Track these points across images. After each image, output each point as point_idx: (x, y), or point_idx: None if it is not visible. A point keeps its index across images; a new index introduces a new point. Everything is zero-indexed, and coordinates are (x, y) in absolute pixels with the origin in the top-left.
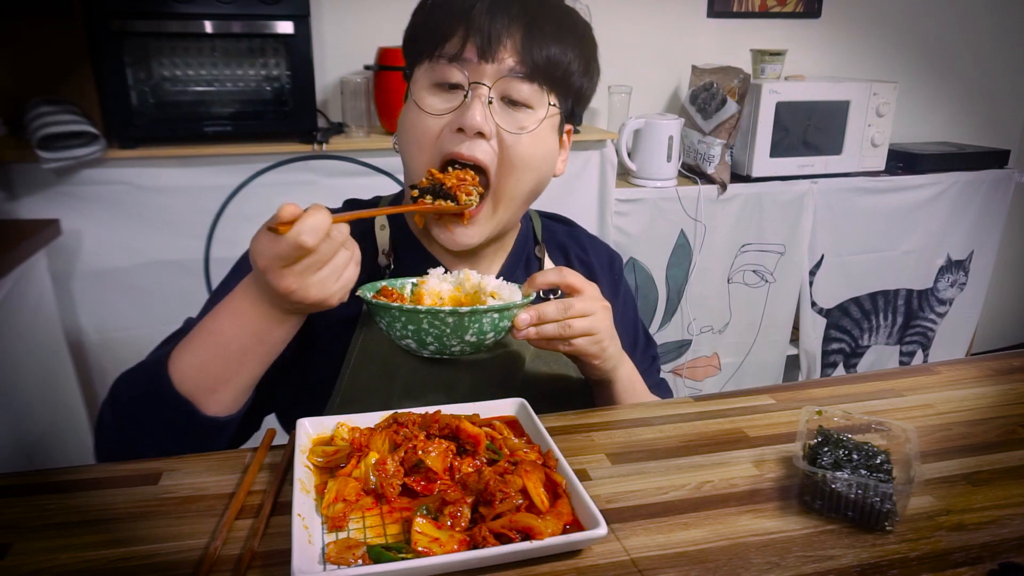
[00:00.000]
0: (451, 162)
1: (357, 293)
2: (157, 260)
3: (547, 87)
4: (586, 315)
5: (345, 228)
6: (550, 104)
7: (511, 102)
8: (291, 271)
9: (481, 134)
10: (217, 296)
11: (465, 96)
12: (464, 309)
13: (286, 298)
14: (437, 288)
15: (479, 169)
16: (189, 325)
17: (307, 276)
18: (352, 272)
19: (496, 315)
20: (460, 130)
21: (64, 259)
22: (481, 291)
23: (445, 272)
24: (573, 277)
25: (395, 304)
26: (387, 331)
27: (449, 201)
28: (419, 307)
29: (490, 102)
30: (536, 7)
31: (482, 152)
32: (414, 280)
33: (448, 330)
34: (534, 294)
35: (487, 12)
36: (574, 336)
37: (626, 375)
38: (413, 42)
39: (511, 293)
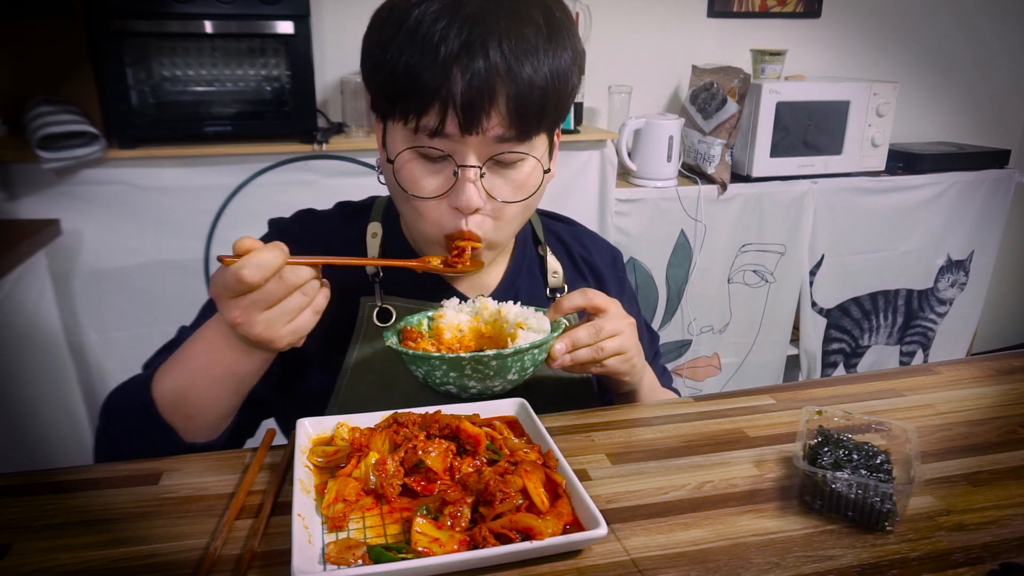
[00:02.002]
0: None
1: (387, 344)
2: (157, 260)
3: (536, 133)
4: (615, 335)
5: (305, 272)
6: (543, 143)
7: (501, 163)
8: (236, 304)
9: (477, 209)
10: (205, 310)
11: (455, 173)
12: (508, 351)
13: (233, 330)
14: (455, 320)
15: None
16: (182, 335)
17: (252, 312)
18: (307, 320)
19: (537, 350)
20: (456, 208)
21: (64, 259)
22: (502, 320)
23: (461, 302)
24: (598, 298)
25: (436, 354)
26: (425, 379)
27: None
28: (462, 355)
29: (482, 175)
30: (517, 50)
31: (481, 226)
32: (429, 314)
33: (492, 372)
34: (563, 320)
35: (465, 82)
36: (606, 357)
37: (648, 383)
38: (381, 96)
39: (538, 321)
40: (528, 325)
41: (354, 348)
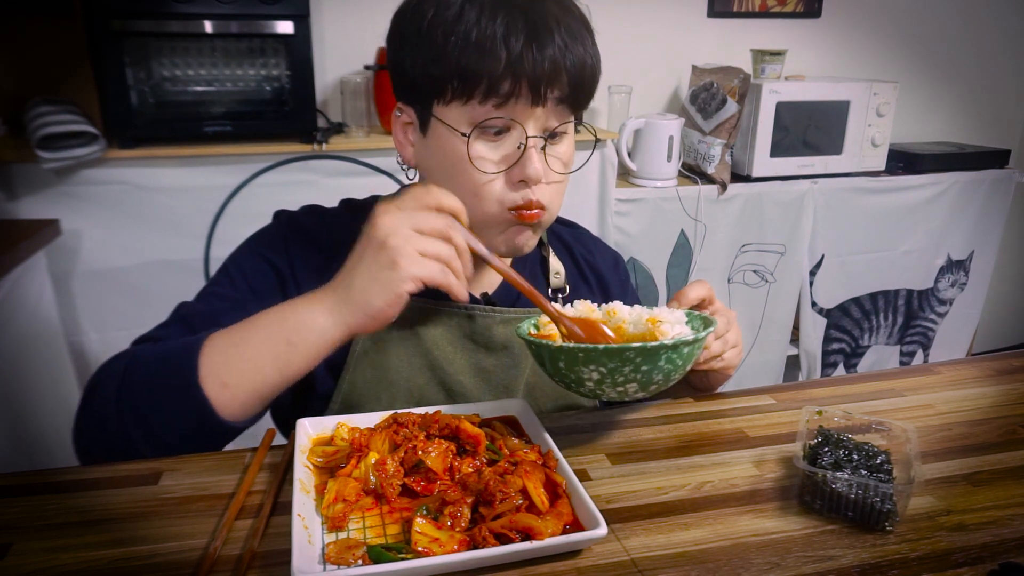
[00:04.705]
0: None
1: (556, 346)
2: (157, 260)
3: (582, 108)
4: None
5: (465, 232)
6: (576, 120)
7: (552, 135)
8: (414, 231)
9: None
10: (213, 288)
11: (520, 147)
12: (697, 337)
13: (385, 253)
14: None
15: None
16: (181, 310)
17: (417, 241)
18: (435, 267)
19: (698, 343)
20: (521, 181)
21: (64, 259)
22: (617, 320)
23: (563, 305)
24: (710, 288)
25: (633, 345)
26: (602, 382)
27: None
28: (662, 342)
29: (543, 148)
30: (569, 29)
31: (544, 195)
32: (533, 321)
33: (682, 363)
34: (695, 312)
35: (537, 53)
36: (731, 347)
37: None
38: (438, 80)
39: (675, 318)
40: (661, 318)
41: (357, 343)
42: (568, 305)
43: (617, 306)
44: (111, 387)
